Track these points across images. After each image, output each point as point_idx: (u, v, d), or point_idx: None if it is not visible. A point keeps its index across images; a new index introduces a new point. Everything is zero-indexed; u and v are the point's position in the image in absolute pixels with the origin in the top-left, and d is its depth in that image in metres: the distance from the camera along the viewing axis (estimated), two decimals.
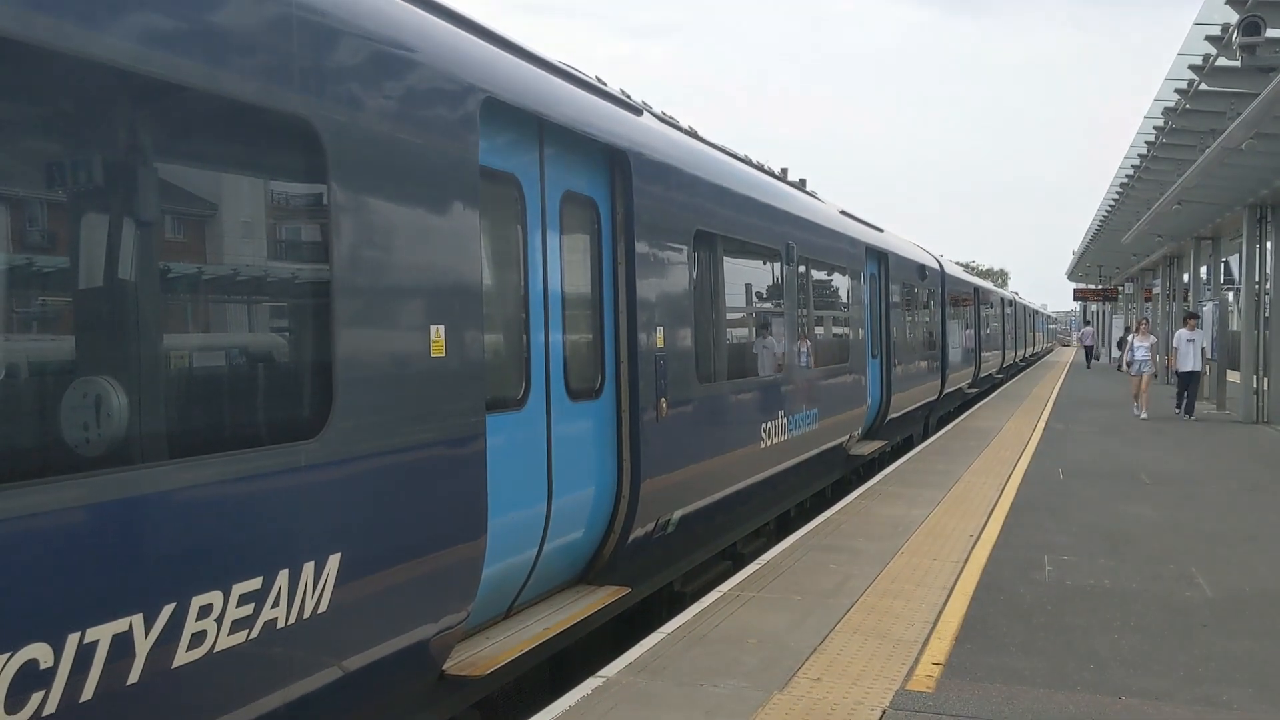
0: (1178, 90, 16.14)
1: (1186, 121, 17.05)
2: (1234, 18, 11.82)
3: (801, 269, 11.95)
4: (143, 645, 3.57)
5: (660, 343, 7.68)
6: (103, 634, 3.42)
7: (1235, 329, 27.64)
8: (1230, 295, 32.41)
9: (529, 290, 6.26)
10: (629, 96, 8.43)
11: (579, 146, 6.88)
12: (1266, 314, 21.81)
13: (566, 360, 6.67)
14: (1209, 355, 23.26)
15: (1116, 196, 28.35)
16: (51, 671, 3.26)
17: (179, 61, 3.77)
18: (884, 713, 5.40)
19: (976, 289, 31.44)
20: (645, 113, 8.45)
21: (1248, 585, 8.06)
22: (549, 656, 6.66)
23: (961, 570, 8.44)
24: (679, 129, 9.34)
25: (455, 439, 5.24)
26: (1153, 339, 23.64)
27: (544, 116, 6.33)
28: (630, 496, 7.25)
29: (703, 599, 7.61)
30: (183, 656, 3.73)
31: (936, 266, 23.56)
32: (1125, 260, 43.01)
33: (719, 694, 5.63)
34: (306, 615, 4.25)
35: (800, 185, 13.77)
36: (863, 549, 9.22)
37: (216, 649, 3.86)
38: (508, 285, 6.11)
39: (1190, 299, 29.86)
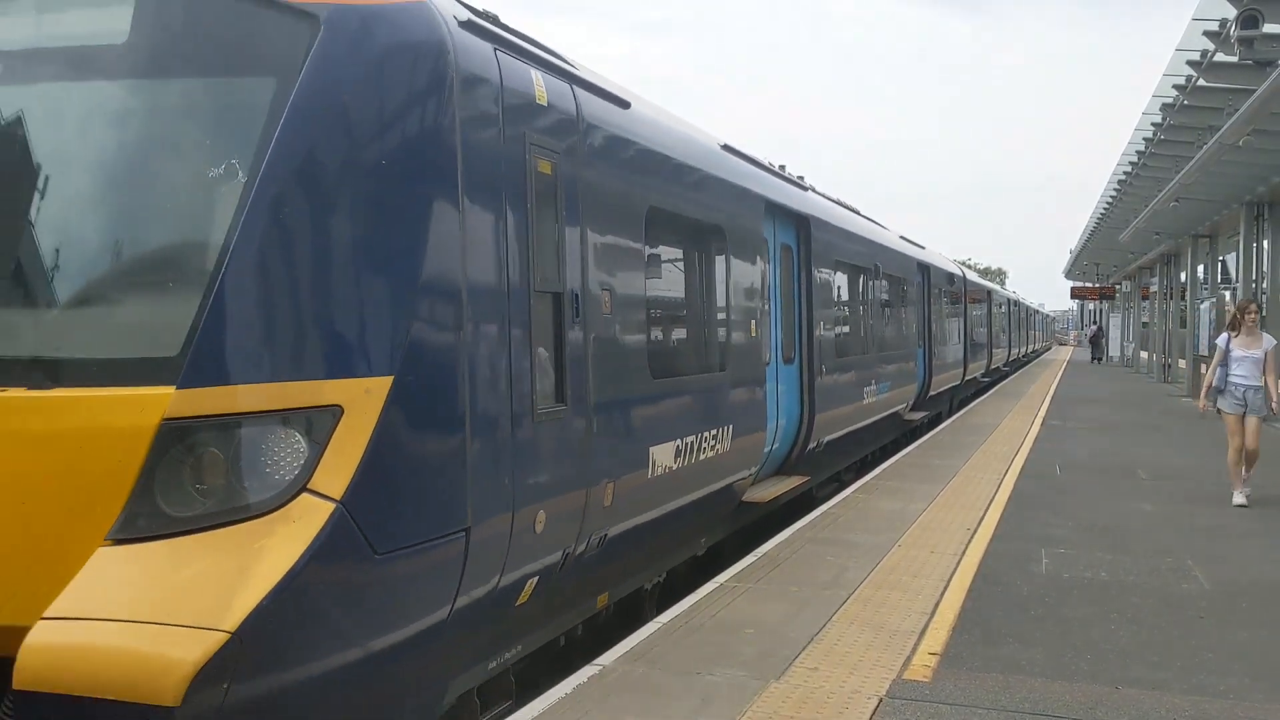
0: (1176, 86, 16.14)
1: (1185, 118, 17.05)
2: (1231, 13, 11.82)
3: (882, 281, 17.16)
4: (693, 449, 8.11)
5: (822, 331, 12.53)
6: (689, 440, 8.04)
7: None
8: (1227, 294, 32.35)
9: (769, 299, 10.78)
10: (801, 179, 13.27)
11: (786, 215, 11.63)
12: (1264, 313, 21.76)
13: (782, 340, 11.44)
14: None
15: (1114, 194, 28.35)
16: (682, 448, 7.88)
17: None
18: (880, 701, 5.39)
19: (989, 292, 36.57)
20: (810, 190, 13.46)
21: (1244, 578, 8.07)
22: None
23: (959, 563, 8.44)
24: (812, 190, 13.93)
25: (760, 377, 10.12)
26: (1271, 342, 11.86)
27: (773, 202, 10.88)
28: (808, 422, 11.87)
29: (698, 590, 7.61)
30: (697, 458, 8.18)
31: (960, 274, 29.06)
32: (1123, 259, 43.02)
33: (715, 682, 5.63)
34: (723, 451, 8.83)
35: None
36: (860, 542, 9.22)
37: (702, 458, 8.32)
38: (761, 295, 10.41)
39: (1188, 298, 29.83)
